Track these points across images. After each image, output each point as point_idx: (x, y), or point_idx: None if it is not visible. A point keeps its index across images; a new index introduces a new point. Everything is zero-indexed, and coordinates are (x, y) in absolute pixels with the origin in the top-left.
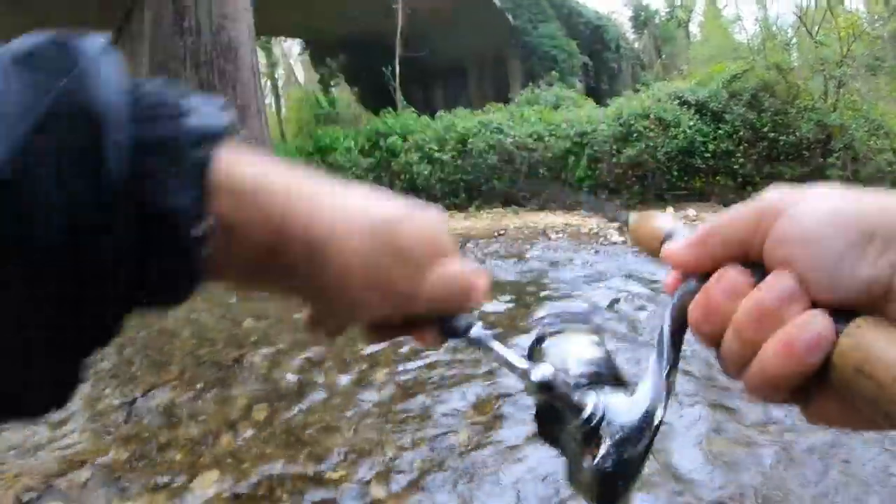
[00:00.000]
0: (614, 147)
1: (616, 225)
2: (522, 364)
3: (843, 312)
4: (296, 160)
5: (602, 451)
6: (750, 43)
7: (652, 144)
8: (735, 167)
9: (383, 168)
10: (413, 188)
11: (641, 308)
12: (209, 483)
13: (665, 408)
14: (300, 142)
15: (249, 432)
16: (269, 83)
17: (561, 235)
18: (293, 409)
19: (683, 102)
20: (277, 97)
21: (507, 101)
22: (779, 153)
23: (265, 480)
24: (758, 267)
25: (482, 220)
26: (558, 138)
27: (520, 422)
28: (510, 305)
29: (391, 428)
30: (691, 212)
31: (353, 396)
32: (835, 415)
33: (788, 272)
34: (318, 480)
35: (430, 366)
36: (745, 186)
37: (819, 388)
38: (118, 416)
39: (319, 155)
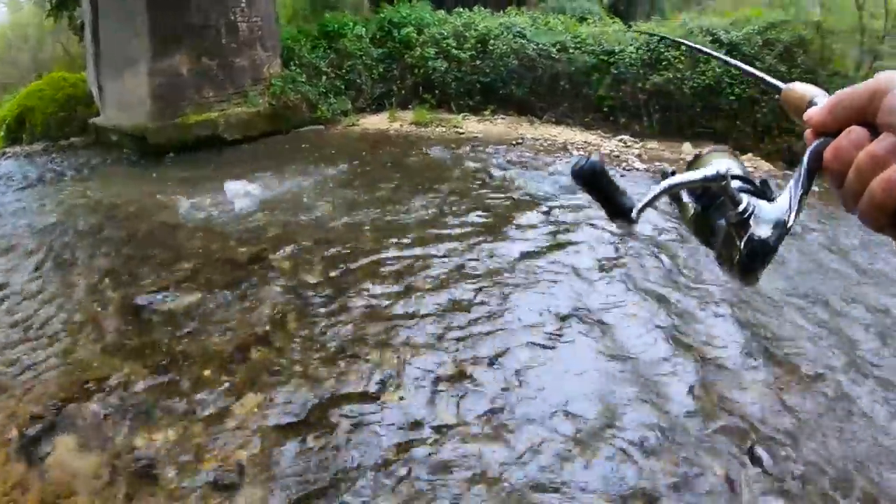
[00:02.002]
0: (641, 72)
1: (636, 152)
2: (695, 175)
3: None
4: (301, 44)
5: (750, 234)
6: None
7: (679, 76)
8: (757, 115)
9: (395, 60)
10: (427, 84)
11: (679, 242)
12: (251, 406)
13: (796, 217)
14: (298, 25)
15: (285, 344)
16: None
17: (582, 153)
18: (330, 319)
19: (716, 40)
20: None
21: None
22: None
23: (314, 401)
24: (873, 129)
25: (497, 126)
26: (584, 52)
27: None
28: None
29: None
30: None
31: (392, 304)
32: None
33: (894, 134)
34: (373, 401)
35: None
36: (763, 137)
37: None
38: (127, 324)
39: (326, 40)
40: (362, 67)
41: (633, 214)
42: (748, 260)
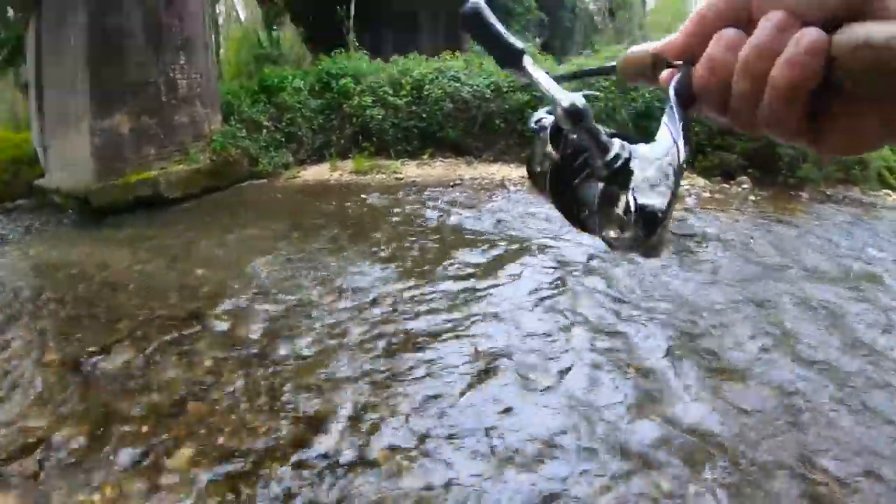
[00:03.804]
0: None
1: None
2: (559, 92)
3: (829, 25)
4: (241, 100)
5: (636, 188)
6: None
7: (612, 105)
8: (690, 136)
9: (334, 110)
10: (365, 132)
11: (617, 265)
12: (186, 459)
13: (685, 150)
14: (241, 81)
15: (221, 397)
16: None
17: (520, 189)
18: (267, 370)
19: None
20: (217, 35)
21: (458, 52)
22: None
23: (248, 452)
24: (748, 27)
25: (435, 169)
26: (517, 91)
27: None
28: (487, 256)
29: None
30: None
31: (328, 353)
32: (842, 141)
33: (779, 10)
34: (307, 449)
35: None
36: (697, 154)
37: (825, 116)
38: (67, 384)
39: (266, 94)
40: (301, 119)
41: (523, 60)
42: (643, 221)
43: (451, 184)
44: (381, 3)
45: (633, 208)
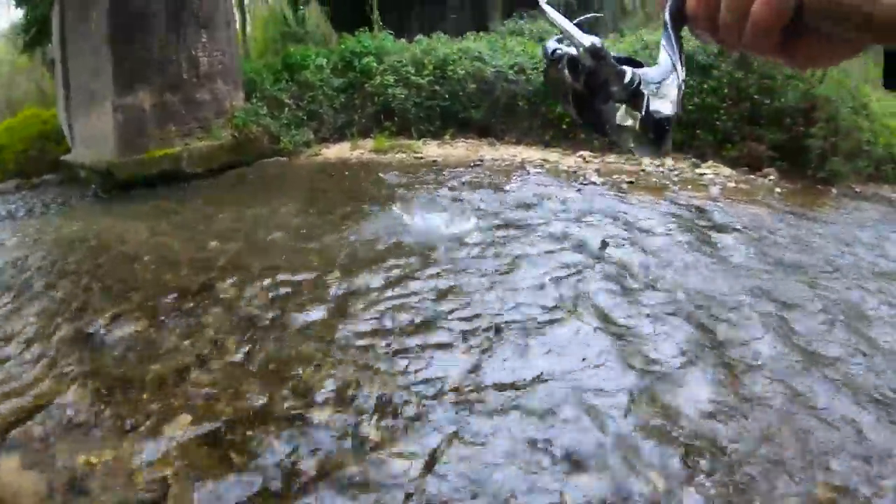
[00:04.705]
0: None
1: (594, 167)
2: (579, 34)
3: None
4: (264, 77)
5: (649, 101)
6: None
7: None
8: (717, 123)
9: (356, 89)
10: (387, 111)
11: (629, 250)
12: (182, 426)
13: (682, 69)
14: (267, 59)
15: (222, 366)
16: None
17: (540, 171)
18: (269, 341)
19: None
20: (243, 13)
21: (484, 33)
22: (761, 116)
23: (242, 421)
24: None
25: (457, 149)
26: (541, 72)
27: None
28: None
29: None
30: (668, 161)
31: (331, 327)
32: (807, 61)
33: None
34: (300, 421)
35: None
36: (724, 143)
37: (795, 42)
38: (75, 351)
39: (288, 72)
40: (323, 98)
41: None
42: (655, 129)
43: (472, 164)
44: None
45: (648, 121)
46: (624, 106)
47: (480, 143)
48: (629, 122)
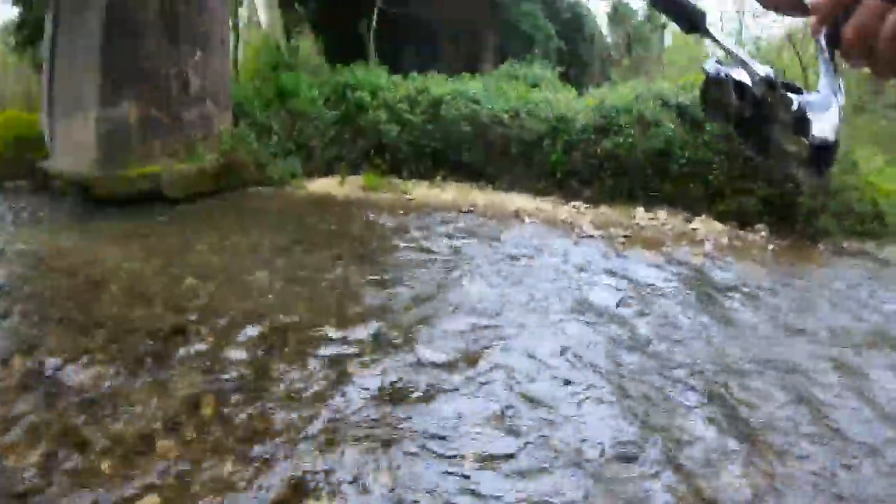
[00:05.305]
0: (592, 137)
1: (588, 218)
2: (755, 65)
3: None
4: (254, 104)
5: (815, 127)
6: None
7: (631, 140)
8: (709, 177)
9: (348, 122)
10: (379, 147)
11: (642, 312)
12: None
13: (842, 95)
14: (255, 85)
15: (195, 436)
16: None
17: (535, 220)
18: (251, 407)
19: (665, 104)
20: (237, 36)
21: (476, 74)
22: (753, 170)
23: None
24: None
25: (447, 192)
26: (536, 119)
27: None
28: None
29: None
30: (661, 214)
31: (321, 395)
32: None
33: None
34: None
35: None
36: (715, 198)
37: None
38: (27, 395)
39: (280, 100)
40: (314, 129)
41: (706, 22)
42: (822, 153)
43: (464, 210)
44: (402, 21)
45: (812, 147)
46: (789, 131)
47: (471, 188)
48: (793, 148)
